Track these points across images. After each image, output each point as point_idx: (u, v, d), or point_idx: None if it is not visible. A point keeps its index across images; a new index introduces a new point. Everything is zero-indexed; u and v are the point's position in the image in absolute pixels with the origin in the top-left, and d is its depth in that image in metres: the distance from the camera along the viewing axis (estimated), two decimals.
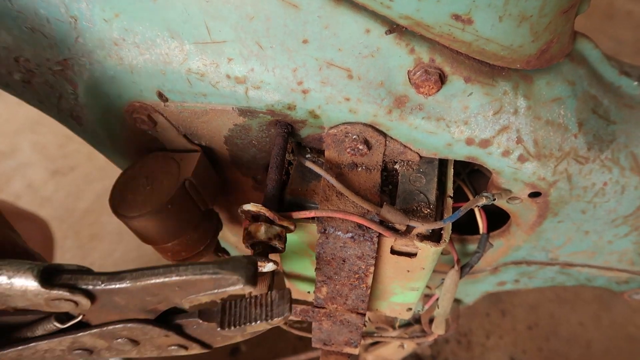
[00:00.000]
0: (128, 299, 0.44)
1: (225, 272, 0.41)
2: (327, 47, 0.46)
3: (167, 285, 0.42)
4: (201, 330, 0.49)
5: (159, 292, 0.43)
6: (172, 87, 0.51)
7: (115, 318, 0.47)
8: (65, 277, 0.42)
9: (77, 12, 0.47)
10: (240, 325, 0.47)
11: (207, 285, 0.42)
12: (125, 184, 0.57)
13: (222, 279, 0.42)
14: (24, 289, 0.40)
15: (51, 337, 0.47)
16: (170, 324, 0.48)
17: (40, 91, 0.56)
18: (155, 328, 0.47)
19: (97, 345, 0.49)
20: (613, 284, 0.73)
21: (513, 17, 0.42)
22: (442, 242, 0.50)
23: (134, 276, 0.42)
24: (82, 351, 0.50)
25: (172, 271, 0.42)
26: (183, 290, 0.43)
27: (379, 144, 0.52)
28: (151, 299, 0.44)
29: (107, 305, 0.45)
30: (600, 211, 0.58)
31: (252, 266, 0.42)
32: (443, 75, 0.47)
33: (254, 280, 0.42)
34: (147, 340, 0.49)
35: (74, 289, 0.41)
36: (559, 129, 0.51)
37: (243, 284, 0.41)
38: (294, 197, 0.54)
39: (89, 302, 0.43)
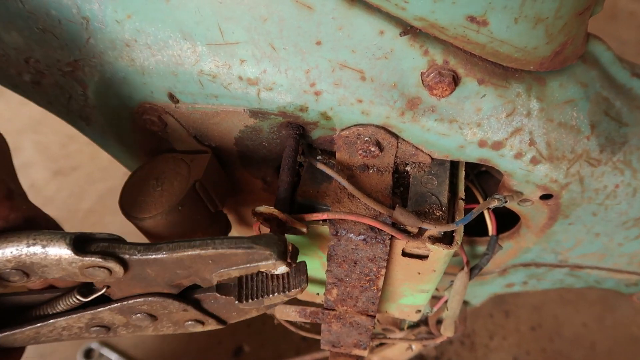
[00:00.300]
0: (159, 271, 0.45)
1: (259, 247, 0.42)
2: (340, 48, 0.46)
3: (202, 257, 0.43)
4: (218, 305, 0.50)
5: (191, 264, 0.44)
6: (183, 89, 0.50)
7: (138, 291, 0.48)
8: (99, 245, 0.43)
9: (89, 13, 0.47)
10: (257, 298, 0.47)
11: (240, 259, 0.43)
12: (135, 185, 0.57)
13: (255, 254, 0.43)
14: (59, 257, 0.41)
15: (71, 313, 0.48)
16: (189, 299, 0.49)
17: (50, 92, 0.56)
18: (175, 302, 0.48)
19: (116, 321, 0.50)
20: (622, 286, 0.73)
21: (529, 18, 0.42)
22: (454, 245, 0.50)
23: (170, 247, 0.43)
24: (100, 328, 0.51)
25: (209, 244, 0.43)
26: (216, 264, 0.44)
27: (390, 145, 0.51)
28: (181, 272, 0.45)
29: (137, 277, 0.45)
30: (611, 213, 0.58)
31: (283, 243, 0.43)
32: (457, 77, 0.46)
33: (285, 256, 0.43)
34: (165, 316, 0.50)
35: (107, 256, 0.42)
36: (571, 131, 0.51)
37: (275, 259, 0.42)
38: (305, 199, 0.53)
39: (122, 270, 0.44)
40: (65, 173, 1.92)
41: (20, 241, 0.41)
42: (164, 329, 0.52)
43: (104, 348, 1.44)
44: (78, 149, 1.98)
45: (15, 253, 0.41)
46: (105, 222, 1.78)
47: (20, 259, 0.42)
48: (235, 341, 1.49)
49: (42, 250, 0.41)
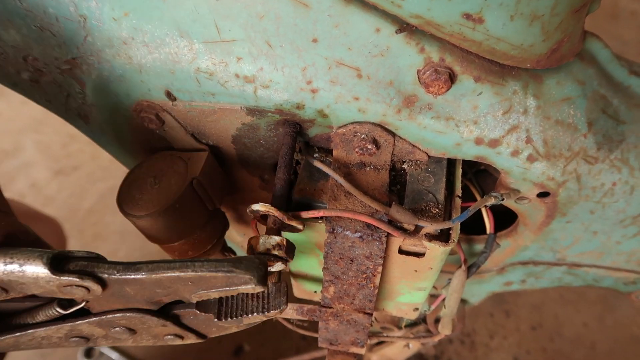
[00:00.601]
0: (138, 290, 0.45)
1: (239, 271, 0.42)
2: (336, 46, 0.46)
3: (181, 279, 0.43)
4: (198, 320, 0.50)
5: (170, 285, 0.44)
6: (180, 86, 0.51)
7: (118, 307, 0.47)
8: (77, 264, 0.43)
9: (87, 11, 0.47)
10: (237, 317, 0.48)
11: (220, 282, 0.43)
12: (133, 183, 0.57)
13: (235, 278, 0.42)
14: (36, 276, 0.41)
15: (50, 324, 0.48)
16: (168, 314, 0.49)
17: (48, 90, 0.56)
18: (154, 318, 0.48)
19: (95, 333, 0.50)
20: (620, 284, 0.73)
21: (525, 16, 0.42)
22: (450, 242, 0.50)
23: (150, 268, 0.43)
24: (79, 339, 0.50)
25: (188, 266, 0.42)
26: (195, 286, 0.44)
27: (387, 143, 0.51)
28: (161, 291, 0.45)
29: (116, 294, 0.45)
30: (609, 211, 0.58)
31: (264, 267, 0.43)
32: (453, 75, 0.47)
33: (264, 281, 0.42)
34: (144, 330, 0.50)
35: (85, 275, 0.42)
36: (568, 129, 0.51)
37: (255, 284, 0.42)
38: (302, 196, 0.53)
39: (100, 289, 0.43)
40: (67, 172, 1.93)
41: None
42: (144, 341, 0.52)
43: (105, 347, 1.44)
44: (79, 148, 1.98)
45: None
46: (106, 222, 1.78)
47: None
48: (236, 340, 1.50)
49: (20, 269, 0.41)
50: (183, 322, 0.50)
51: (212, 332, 0.52)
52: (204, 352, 1.47)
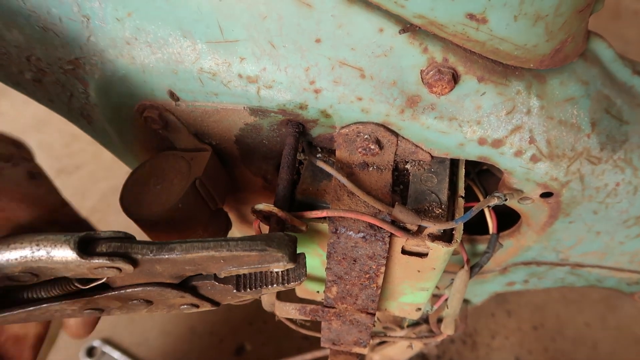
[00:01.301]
0: (168, 268, 0.44)
1: (272, 249, 0.42)
2: (340, 46, 0.46)
3: (215, 258, 0.43)
4: (215, 291, 0.49)
5: (202, 263, 0.44)
6: (183, 87, 0.51)
7: (141, 281, 0.47)
8: (108, 245, 0.42)
9: (90, 11, 0.47)
10: (256, 288, 0.47)
11: (252, 260, 0.43)
12: (136, 183, 0.57)
13: (267, 256, 0.42)
14: (65, 260, 0.41)
15: (67, 298, 0.47)
16: (186, 286, 0.49)
17: (51, 90, 0.56)
18: (173, 291, 0.48)
19: (111, 305, 0.50)
20: (623, 285, 0.73)
21: (528, 16, 0.42)
22: (453, 243, 0.50)
23: (184, 247, 0.43)
24: (93, 310, 0.50)
25: (223, 245, 0.42)
26: (227, 263, 0.44)
27: (390, 143, 0.51)
28: (190, 268, 0.45)
29: (144, 272, 0.45)
30: (612, 212, 0.58)
31: (293, 244, 0.43)
32: (456, 75, 0.46)
33: (295, 259, 0.43)
34: (161, 301, 0.50)
35: (116, 257, 0.42)
36: (572, 129, 0.51)
37: (286, 262, 0.42)
38: (305, 196, 0.53)
39: (131, 268, 0.43)
40: (69, 172, 1.93)
41: (23, 247, 0.41)
42: (158, 310, 0.52)
43: (107, 346, 1.45)
44: (81, 148, 1.98)
45: (20, 259, 0.41)
46: (109, 221, 1.78)
47: (27, 264, 0.42)
48: (237, 340, 1.50)
49: (47, 256, 0.41)
50: (200, 292, 0.50)
51: (226, 300, 0.51)
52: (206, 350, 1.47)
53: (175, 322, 1.52)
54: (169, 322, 1.52)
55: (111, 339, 1.48)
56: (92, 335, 1.48)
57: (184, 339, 1.48)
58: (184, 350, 1.47)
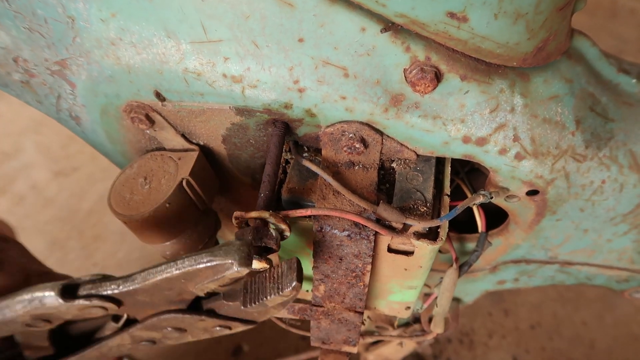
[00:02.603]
0: (150, 296, 0.47)
1: (218, 258, 0.43)
2: (322, 45, 0.46)
3: (173, 279, 0.45)
4: (232, 310, 0.51)
5: (170, 286, 0.46)
6: (169, 87, 0.51)
7: (151, 312, 0.51)
8: (85, 288, 0.47)
9: (75, 12, 0.47)
10: (259, 302, 0.48)
11: (208, 273, 0.44)
12: (124, 183, 0.57)
13: (218, 266, 0.43)
14: (55, 306, 0.46)
15: (113, 336, 0.54)
16: (202, 309, 0.51)
17: (39, 91, 0.56)
18: (187, 316, 0.51)
19: (153, 336, 0.54)
20: (613, 282, 0.73)
21: (508, 14, 0.42)
22: (438, 240, 0.50)
23: (142, 276, 0.46)
24: (147, 342, 0.56)
25: (171, 266, 0.44)
26: (190, 281, 0.45)
27: (375, 142, 0.52)
28: (169, 293, 0.47)
29: (137, 304, 0.49)
30: (599, 209, 0.58)
31: (245, 247, 0.44)
32: (439, 74, 0.47)
33: (247, 262, 0.43)
34: (190, 327, 0.53)
35: (93, 297, 0.46)
36: (556, 127, 0.51)
37: (237, 267, 0.43)
38: (291, 195, 0.54)
39: (115, 306, 0.47)
40: (66, 174, 1.93)
41: (23, 298, 0.47)
42: (200, 335, 0.55)
43: None
44: (79, 149, 1.99)
45: (22, 310, 0.47)
46: (106, 222, 1.79)
47: (31, 313, 0.47)
48: (234, 341, 1.50)
49: (41, 304, 0.46)
50: (221, 314, 0.52)
51: (256, 317, 0.52)
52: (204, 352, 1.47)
53: None
54: None
55: None
56: None
57: None
58: (182, 351, 1.47)
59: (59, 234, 1.75)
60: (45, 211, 1.81)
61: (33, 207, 1.82)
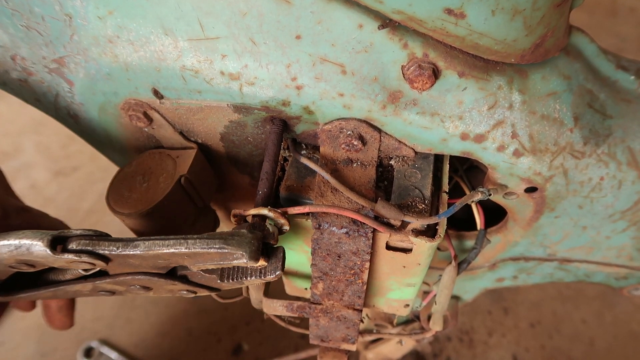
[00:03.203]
0: (141, 261, 0.48)
1: (230, 247, 0.43)
2: (320, 42, 0.46)
3: (177, 254, 0.45)
4: (205, 279, 0.52)
5: (169, 258, 0.46)
6: (167, 84, 0.51)
7: (129, 271, 0.51)
8: (78, 242, 0.46)
9: (72, 10, 0.47)
10: (237, 279, 0.49)
11: (214, 257, 0.45)
12: (122, 181, 0.57)
13: (228, 254, 0.44)
14: (42, 255, 0.45)
15: (76, 282, 0.54)
16: (175, 276, 0.52)
17: (37, 89, 0.56)
18: (161, 280, 0.51)
19: (116, 289, 0.55)
20: (612, 279, 0.73)
21: (506, 10, 0.42)
22: (437, 238, 0.50)
23: (147, 245, 0.45)
24: (106, 292, 0.56)
25: (182, 243, 0.44)
26: (191, 259, 0.46)
27: (373, 139, 0.51)
28: (162, 262, 0.48)
29: (122, 264, 0.49)
30: (597, 206, 0.58)
31: (256, 241, 0.44)
32: (437, 70, 0.47)
33: (257, 256, 0.44)
34: (158, 287, 0.54)
35: (86, 254, 0.45)
36: (554, 124, 0.51)
37: (247, 259, 0.43)
38: (289, 193, 0.54)
39: (103, 263, 0.47)
40: (66, 173, 1.93)
41: (9, 242, 0.45)
42: (162, 294, 0.56)
43: (104, 347, 1.45)
44: (78, 149, 1.99)
45: (8, 252, 0.45)
46: (106, 222, 1.79)
47: (16, 258, 0.46)
48: (234, 339, 1.50)
49: (28, 251, 0.45)
50: (192, 280, 0.52)
51: (223, 287, 0.53)
52: (203, 350, 1.48)
53: (172, 322, 1.52)
54: (166, 323, 1.52)
55: (109, 339, 1.48)
56: (90, 336, 1.48)
57: (181, 339, 1.49)
58: (181, 350, 1.47)
59: None
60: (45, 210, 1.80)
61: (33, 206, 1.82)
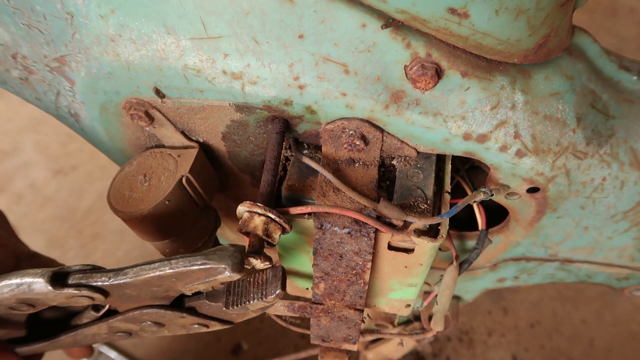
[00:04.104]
0: (137, 291, 0.48)
1: (212, 262, 0.44)
2: (323, 42, 0.46)
3: (165, 277, 0.46)
4: (213, 310, 0.52)
5: (160, 283, 0.47)
6: (168, 83, 0.51)
7: (134, 306, 0.52)
8: (75, 277, 0.47)
9: (73, 8, 0.47)
10: (241, 304, 0.49)
11: (200, 275, 0.45)
12: (123, 181, 0.57)
13: (211, 269, 0.44)
14: (43, 292, 0.47)
15: (91, 325, 0.55)
16: (183, 307, 0.53)
17: (38, 88, 0.56)
18: (169, 312, 0.52)
19: (130, 328, 0.55)
20: (613, 280, 0.73)
21: (509, 10, 0.42)
22: (439, 238, 0.50)
23: (135, 271, 0.46)
24: (122, 333, 0.57)
25: (165, 264, 0.45)
26: (180, 280, 0.46)
27: (376, 139, 0.51)
28: (157, 289, 0.48)
29: (123, 297, 0.49)
30: (599, 207, 0.58)
31: (239, 254, 0.44)
32: (440, 70, 0.46)
33: (240, 268, 0.44)
34: (170, 322, 0.54)
35: (82, 287, 0.47)
36: (557, 124, 0.51)
37: (230, 272, 0.44)
38: (291, 193, 0.53)
39: (102, 297, 0.48)
40: (66, 172, 1.93)
41: (10, 281, 0.47)
42: (176, 331, 0.56)
43: (103, 346, 1.45)
44: (78, 148, 1.98)
45: (9, 294, 0.47)
46: (105, 221, 1.78)
47: (17, 297, 0.47)
48: (234, 339, 1.50)
49: (28, 288, 0.47)
50: (201, 312, 0.53)
51: (233, 318, 0.54)
52: (203, 350, 1.47)
53: None
54: None
55: None
56: None
57: (180, 338, 1.48)
58: (181, 349, 1.47)
59: (57, 232, 1.75)
60: (44, 210, 1.80)
61: (32, 205, 1.82)
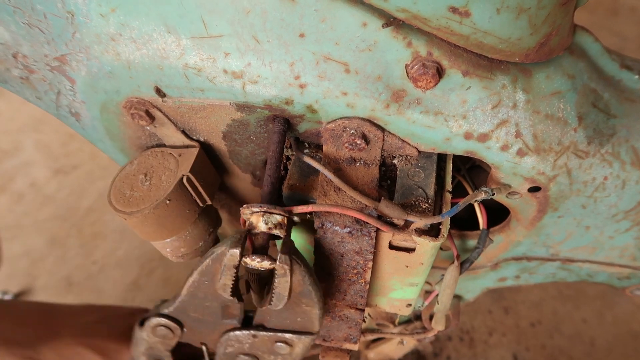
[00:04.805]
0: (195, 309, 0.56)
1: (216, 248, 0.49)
2: (324, 41, 0.46)
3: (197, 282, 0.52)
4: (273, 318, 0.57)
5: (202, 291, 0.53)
6: (169, 83, 0.50)
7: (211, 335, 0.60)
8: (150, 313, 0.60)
9: (74, 7, 0.47)
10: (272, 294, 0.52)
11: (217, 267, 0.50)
12: (124, 180, 0.57)
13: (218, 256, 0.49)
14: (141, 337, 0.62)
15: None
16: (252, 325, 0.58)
17: (39, 87, 0.56)
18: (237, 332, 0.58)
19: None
20: (614, 279, 0.72)
21: (511, 9, 0.42)
22: (440, 237, 0.50)
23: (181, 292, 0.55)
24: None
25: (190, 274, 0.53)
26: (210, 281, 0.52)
27: (377, 138, 0.51)
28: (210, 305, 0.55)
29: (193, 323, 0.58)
30: (601, 206, 0.58)
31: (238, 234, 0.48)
32: (441, 69, 0.46)
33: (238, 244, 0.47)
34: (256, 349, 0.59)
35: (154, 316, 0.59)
36: (558, 123, 0.51)
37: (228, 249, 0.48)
38: (292, 192, 0.53)
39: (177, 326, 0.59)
40: (66, 171, 1.93)
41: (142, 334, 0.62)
42: None
43: None
44: (78, 147, 1.99)
45: None
46: (106, 220, 1.78)
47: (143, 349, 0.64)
48: None
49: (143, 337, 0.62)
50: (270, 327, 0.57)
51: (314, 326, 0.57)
52: None
53: None
54: None
55: None
56: None
57: None
58: None
59: (58, 231, 1.75)
60: (44, 209, 1.80)
61: (32, 205, 1.82)
